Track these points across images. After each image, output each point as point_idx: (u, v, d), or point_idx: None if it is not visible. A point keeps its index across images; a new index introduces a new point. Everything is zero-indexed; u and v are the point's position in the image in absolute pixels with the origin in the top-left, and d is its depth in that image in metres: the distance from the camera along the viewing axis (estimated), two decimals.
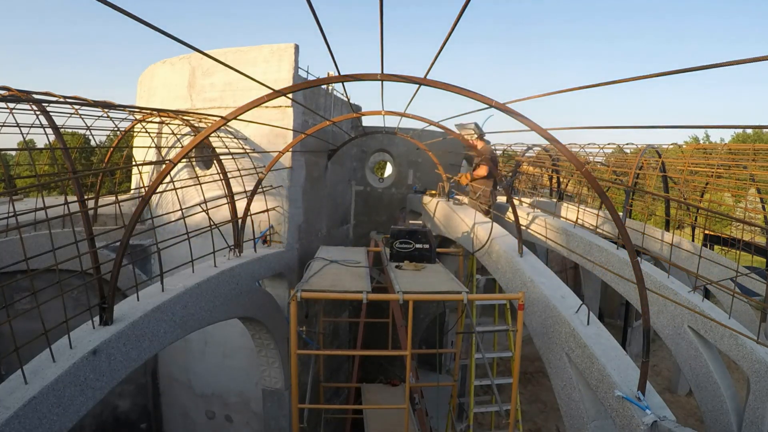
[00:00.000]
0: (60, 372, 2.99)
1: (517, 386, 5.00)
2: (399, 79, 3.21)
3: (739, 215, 11.63)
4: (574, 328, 4.26)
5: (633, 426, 3.36)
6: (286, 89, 3.71)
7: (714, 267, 7.42)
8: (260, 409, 7.18)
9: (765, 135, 27.34)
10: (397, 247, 6.35)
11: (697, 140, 29.49)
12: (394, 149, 10.81)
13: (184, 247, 4.82)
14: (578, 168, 3.44)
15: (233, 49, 6.94)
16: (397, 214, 10.59)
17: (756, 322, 6.38)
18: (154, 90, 8.01)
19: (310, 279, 5.24)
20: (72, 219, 4.11)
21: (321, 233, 8.37)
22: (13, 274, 5.67)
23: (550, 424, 10.96)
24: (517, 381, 5.02)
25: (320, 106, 7.83)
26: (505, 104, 3.15)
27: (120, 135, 7.98)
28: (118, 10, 1.86)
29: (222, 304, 5.02)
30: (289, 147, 6.29)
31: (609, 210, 3.60)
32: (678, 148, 13.42)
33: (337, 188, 9.33)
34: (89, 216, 4.66)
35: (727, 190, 13.21)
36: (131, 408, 8.07)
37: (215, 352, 7.52)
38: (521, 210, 8.01)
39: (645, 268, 5.60)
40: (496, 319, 8.21)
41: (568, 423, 4.32)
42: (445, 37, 2.55)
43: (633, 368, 3.82)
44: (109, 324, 3.58)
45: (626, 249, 3.55)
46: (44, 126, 4.43)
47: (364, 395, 7.96)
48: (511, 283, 5.58)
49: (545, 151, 12.98)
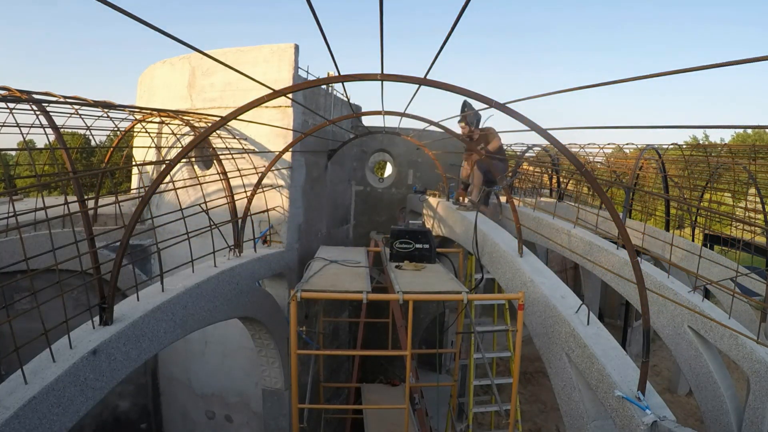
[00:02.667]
0: (60, 372, 2.99)
1: (517, 386, 5.00)
2: (399, 79, 3.21)
3: (739, 215, 11.62)
4: (574, 328, 4.26)
5: (633, 426, 3.36)
6: (286, 89, 3.71)
7: (714, 267, 7.41)
8: (260, 409, 7.18)
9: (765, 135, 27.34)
10: (397, 247, 6.35)
11: (697, 140, 29.50)
12: (394, 149, 10.81)
13: (184, 247, 4.82)
14: (578, 168, 3.44)
15: (233, 49, 6.94)
16: (397, 214, 10.59)
17: (756, 322, 6.37)
18: (154, 90, 8.01)
19: (310, 279, 5.25)
20: (72, 219, 4.11)
21: (321, 233, 8.37)
22: (13, 274, 5.67)
23: (550, 424, 10.96)
24: (517, 381, 5.02)
25: (320, 106, 7.83)
26: (505, 104, 3.15)
27: (120, 135, 7.98)
28: (119, 10, 1.86)
29: (222, 304, 5.02)
30: (289, 147, 6.29)
31: (609, 210, 3.60)
32: (678, 148, 13.42)
33: (337, 188, 9.33)
34: (89, 216, 4.66)
35: (727, 191, 13.22)
36: (131, 408, 8.07)
37: (215, 352, 7.52)
38: (521, 210, 8.01)
39: (645, 268, 5.60)
40: (495, 319, 8.22)
41: (568, 423, 4.32)
42: (445, 37, 2.55)
43: (633, 368, 3.82)
44: (109, 324, 3.58)
45: (626, 249, 3.55)
46: (44, 126, 4.43)
47: (364, 395, 7.97)
48: (511, 283, 5.58)
49: (545, 151, 12.98)
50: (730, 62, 1.89)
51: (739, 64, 1.88)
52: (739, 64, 1.88)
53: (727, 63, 1.91)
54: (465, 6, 2.11)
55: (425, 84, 3.18)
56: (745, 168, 10.52)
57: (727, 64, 1.91)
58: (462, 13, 2.19)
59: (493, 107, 3.18)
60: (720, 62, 1.91)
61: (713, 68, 1.92)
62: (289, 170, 6.95)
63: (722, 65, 1.91)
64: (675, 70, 2.11)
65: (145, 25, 2.09)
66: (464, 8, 2.13)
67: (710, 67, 1.94)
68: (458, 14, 2.23)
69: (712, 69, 1.95)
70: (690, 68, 2.06)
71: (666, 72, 2.19)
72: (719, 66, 1.91)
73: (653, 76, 2.21)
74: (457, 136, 7.36)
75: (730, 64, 1.90)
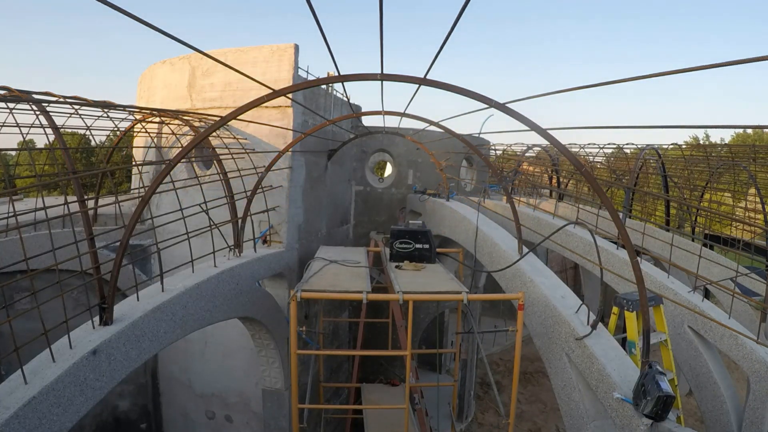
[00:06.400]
0: (60, 372, 2.99)
1: (517, 386, 5.01)
2: (399, 79, 3.21)
3: (739, 215, 11.63)
4: (574, 328, 4.26)
5: (633, 426, 3.36)
6: (286, 89, 3.71)
7: (714, 267, 7.42)
8: (260, 409, 7.18)
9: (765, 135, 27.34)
10: (397, 247, 6.35)
11: (697, 140, 29.49)
12: (394, 149, 10.81)
13: (184, 247, 4.82)
14: (578, 168, 3.44)
15: (233, 49, 6.95)
16: (397, 214, 10.59)
17: (756, 322, 6.37)
18: (154, 90, 8.01)
19: (310, 279, 5.25)
20: (72, 219, 4.12)
21: (321, 233, 8.37)
22: (13, 274, 5.67)
23: (550, 424, 10.96)
24: (517, 381, 5.02)
25: (320, 106, 7.83)
26: (505, 104, 3.15)
27: (120, 135, 7.98)
28: (119, 10, 1.86)
29: (222, 304, 5.03)
30: (289, 147, 6.29)
31: (609, 210, 3.60)
32: (678, 148, 13.43)
33: (337, 188, 9.33)
34: (89, 216, 4.67)
35: (727, 190, 13.22)
36: (131, 408, 8.07)
37: (215, 352, 7.52)
38: (521, 210, 8.01)
39: (645, 268, 5.60)
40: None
41: (568, 423, 4.32)
42: (445, 36, 2.55)
43: (633, 368, 3.82)
44: (109, 324, 3.58)
45: (626, 249, 3.55)
46: (44, 126, 4.44)
47: (364, 395, 7.96)
48: (511, 283, 5.58)
49: (545, 151, 12.98)
50: (730, 62, 1.89)
51: (739, 64, 1.88)
52: (739, 64, 1.88)
53: (727, 63, 1.91)
54: (465, 6, 2.11)
55: (425, 84, 3.18)
56: (745, 168, 10.52)
57: (727, 64, 1.91)
58: (462, 12, 2.19)
59: (493, 107, 3.18)
60: (720, 62, 1.91)
61: (713, 68, 1.92)
62: (289, 170, 6.95)
63: (722, 65, 1.91)
64: (675, 70, 2.11)
65: (146, 25, 2.09)
66: (464, 8, 2.13)
67: (710, 67, 1.94)
68: (458, 14, 2.24)
69: (712, 69, 1.95)
70: (690, 68, 2.06)
71: (666, 72, 2.19)
72: (719, 66, 1.91)
73: (653, 76, 2.21)
74: (459, 137, 7.34)
75: (730, 64, 1.90)
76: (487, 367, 6.55)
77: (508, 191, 6.80)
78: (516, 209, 6.03)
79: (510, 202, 6.22)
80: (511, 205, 6.08)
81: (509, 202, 6.23)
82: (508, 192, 6.78)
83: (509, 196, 6.53)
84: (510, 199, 6.32)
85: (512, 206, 6.05)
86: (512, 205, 6.08)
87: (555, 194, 12.28)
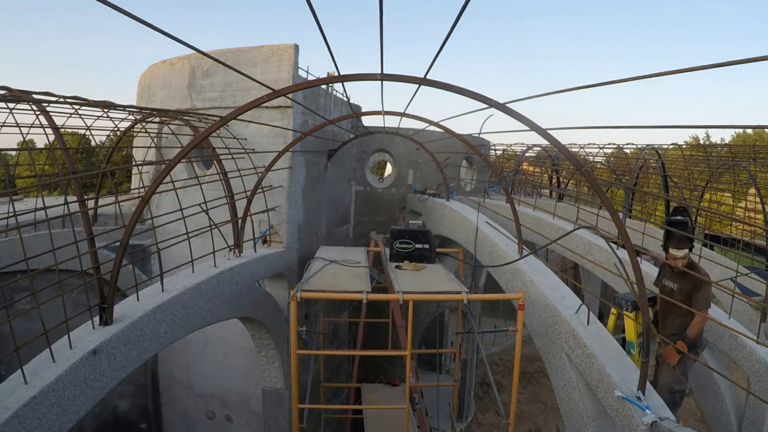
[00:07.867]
0: (60, 372, 2.99)
1: (517, 386, 5.00)
2: (399, 79, 3.21)
3: (739, 215, 11.63)
4: (574, 328, 4.26)
5: (633, 426, 3.36)
6: (286, 89, 3.71)
7: (714, 267, 7.41)
8: (260, 409, 7.18)
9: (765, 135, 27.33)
10: (397, 247, 6.35)
11: (697, 140, 29.48)
12: (394, 149, 10.81)
13: (184, 247, 4.82)
14: (578, 168, 3.44)
15: (233, 49, 6.94)
16: (397, 214, 10.59)
17: (756, 322, 6.37)
18: (154, 90, 8.01)
19: (310, 279, 5.25)
20: (72, 219, 4.12)
21: (321, 233, 8.37)
22: (13, 274, 5.66)
23: (550, 424, 10.96)
24: (517, 381, 5.02)
25: (320, 106, 7.82)
26: (505, 104, 3.15)
27: (120, 135, 7.98)
28: (119, 10, 1.86)
29: (222, 304, 5.03)
30: (289, 147, 6.29)
31: (609, 210, 3.60)
32: (678, 148, 13.42)
33: (337, 188, 9.33)
34: (89, 216, 4.66)
35: (727, 190, 13.22)
36: (131, 408, 8.07)
37: (215, 352, 7.52)
38: (521, 210, 8.01)
39: (645, 268, 5.60)
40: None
41: (568, 423, 4.32)
42: (446, 36, 2.55)
43: (633, 368, 3.82)
44: (109, 324, 3.59)
45: (626, 249, 3.54)
46: (44, 126, 4.43)
47: (364, 395, 7.96)
48: (511, 283, 5.58)
49: (545, 151, 12.98)
50: (730, 62, 1.89)
51: (739, 63, 1.88)
52: (739, 63, 1.88)
53: (728, 63, 1.91)
54: (465, 5, 2.11)
55: (425, 84, 3.18)
56: (745, 168, 10.52)
57: (727, 63, 1.91)
58: (462, 12, 2.19)
59: (493, 107, 3.18)
60: (720, 62, 1.91)
61: (713, 68, 1.92)
62: (289, 170, 6.95)
63: (722, 65, 1.91)
64: (675, 70, 2.11)
65: (146, 25, 2.09)
66: (464, 8, 2.13)
67: (710, 67, 1.94)
68: (458, 14, 2.24)
69: (712, 69, 1.95)
70: (690, 68, 2.06)
71: (666, 72, 2.19)
72: (719, 66, 1.91)
73: (653, 76, 2.21)
74: (459, 137, 7.31)
75: (731, 64, 1.90)
76: (487, 367, 6.54)
77: (508, 191, 6.80)
78: (516, 209, 6.03)
79: (510, 202, 6.22)
80: (511, 205, 6.08)
81: (509, 202, 6.23)
82: (508, 192, 6.77)
83: (509, 196, 6.53)
84: (510, 199, 6.32)
85: (512, 206, 6.05)
86: (512, 205, 6.08)
87: (555, 194, 12.28)
